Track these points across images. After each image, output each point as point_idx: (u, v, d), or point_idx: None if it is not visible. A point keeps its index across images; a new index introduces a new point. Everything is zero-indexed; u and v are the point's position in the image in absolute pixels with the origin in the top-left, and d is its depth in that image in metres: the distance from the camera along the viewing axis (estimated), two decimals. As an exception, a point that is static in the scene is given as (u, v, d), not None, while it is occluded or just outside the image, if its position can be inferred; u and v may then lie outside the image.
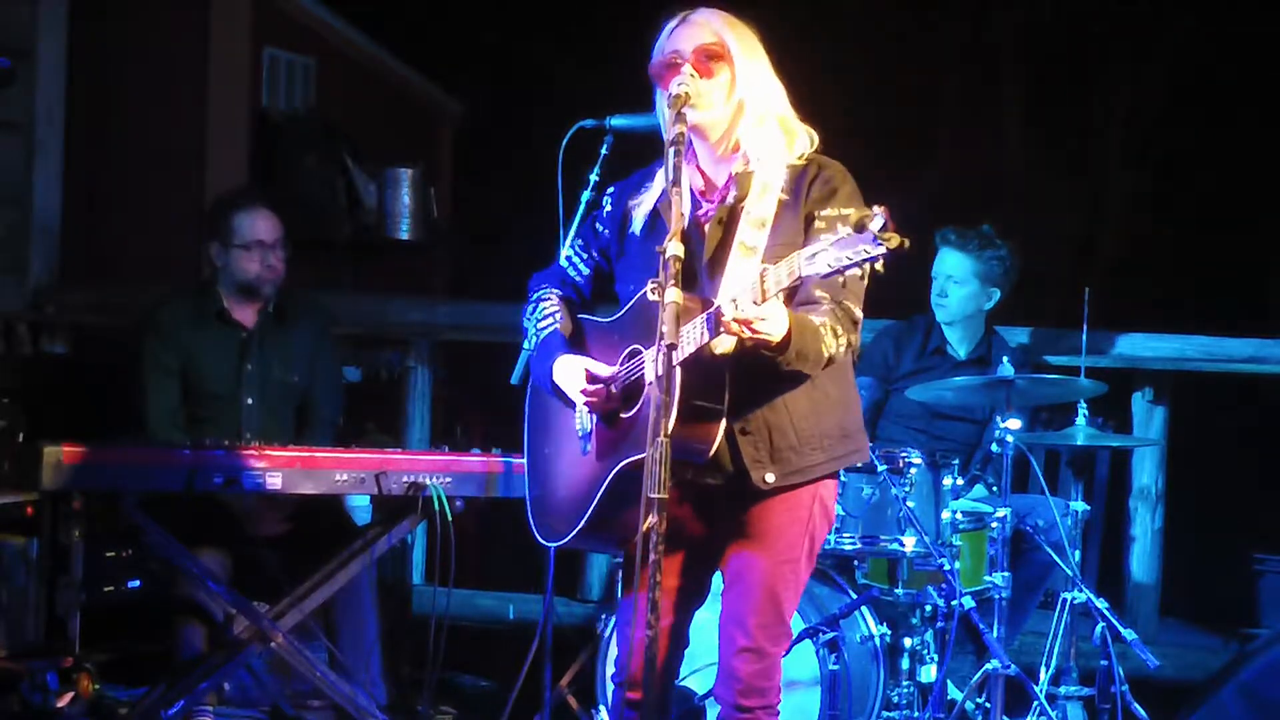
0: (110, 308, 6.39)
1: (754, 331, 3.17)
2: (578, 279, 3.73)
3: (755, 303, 3.13)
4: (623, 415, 3.46)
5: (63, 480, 4.52)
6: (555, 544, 3.64)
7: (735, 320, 3.15)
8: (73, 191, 6.80)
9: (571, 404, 3.57)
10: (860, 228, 2.99)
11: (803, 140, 3.50)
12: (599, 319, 3.66)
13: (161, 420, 5.16)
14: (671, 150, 3.31)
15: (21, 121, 6.53)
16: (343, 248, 9.22)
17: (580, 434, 3.57)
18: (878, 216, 2.98)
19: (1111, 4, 13.18)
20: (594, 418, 3.54)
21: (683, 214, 3.24)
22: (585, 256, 3.72)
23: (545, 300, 3.69)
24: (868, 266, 3.01)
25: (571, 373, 3.52)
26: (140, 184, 8.24)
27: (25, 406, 5.45)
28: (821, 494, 3.55)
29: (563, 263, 3.76)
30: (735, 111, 3.47)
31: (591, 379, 3.49)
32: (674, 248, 3.17)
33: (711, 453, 3.35)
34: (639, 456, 3.25)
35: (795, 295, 3.37)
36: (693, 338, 3.26)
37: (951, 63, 14.12)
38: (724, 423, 3.35)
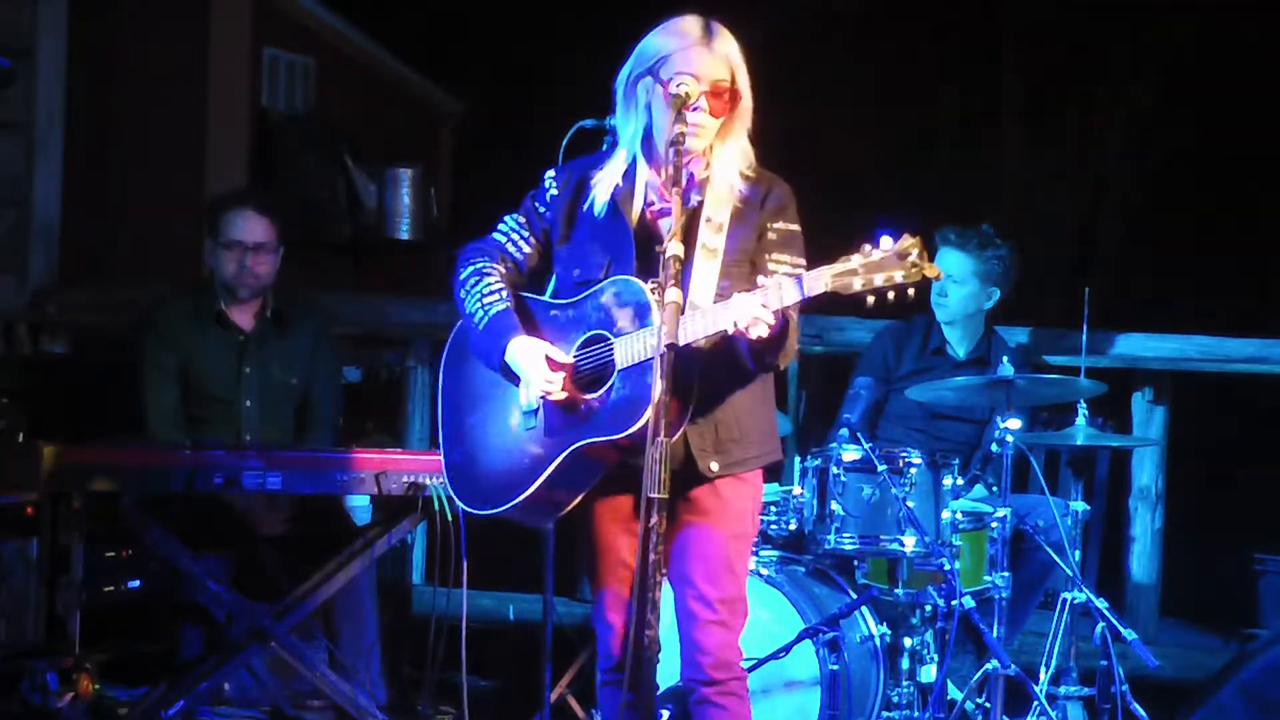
0: (110, 308, 6.38)
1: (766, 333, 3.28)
2: (517, 256, 3.75)
3: (765, 305, 3.26)
4: (586, 398, 3.51)
5: (63, 480, 4.53)
6: (484, 512, 3.67)
7: (757, 320, 3.27)
8: (73, 191, 6.79)
9: (515, 379, 3.60)
10: (902, 254, 3.13)
11: (749, 155, 3.62)
12: (547, 300, 3.71)
13: (161, 420, 5.16)
14: (671, 150, 3.43)
15: (21, 121, 6.51)
16: (343, 248, 9.23)
17: (525, 409, 3.60)
18: (914, 245, 3.12)
19: (1112, 3, 13.18)
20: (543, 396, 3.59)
21: (682, 214, 3.35)
22: (526, 235, 3.75)
23: (488, 275, 3.69)
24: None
25: (531, 355, 3.55)
26: (140, 184, 8.24)
27: (25, 406, 5.43)
28: (756, 483, 3.69)
29: (499, 238, 3.77)
30: (716, 132, 3.57)
31: (554, 366, 3.54)
32: (674, 247, 3.28)
33: (676, 436, 3.40)
34: (596, 440, 3.43)
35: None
36: (695, 330, 3.35)
37: (952, 62, 14.13)
38: (690, 409, 3.44)
